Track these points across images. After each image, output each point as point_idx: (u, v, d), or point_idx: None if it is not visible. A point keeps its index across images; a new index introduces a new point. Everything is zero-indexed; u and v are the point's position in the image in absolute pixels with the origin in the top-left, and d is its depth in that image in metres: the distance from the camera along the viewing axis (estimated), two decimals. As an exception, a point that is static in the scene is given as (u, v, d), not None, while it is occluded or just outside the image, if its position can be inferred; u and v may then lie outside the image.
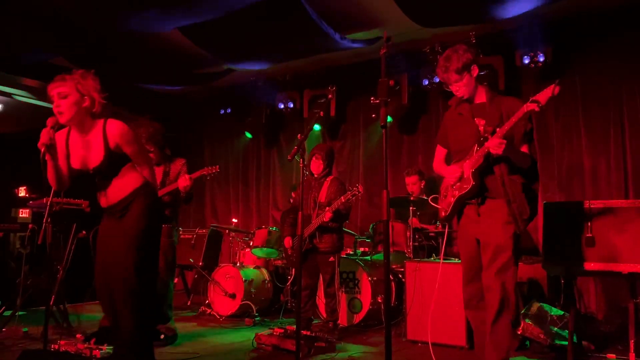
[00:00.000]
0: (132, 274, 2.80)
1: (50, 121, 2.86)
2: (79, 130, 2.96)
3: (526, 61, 5.44)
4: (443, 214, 3.17)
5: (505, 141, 2.79)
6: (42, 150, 2.79)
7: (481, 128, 2.97)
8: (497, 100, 3.04)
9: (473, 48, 3.08)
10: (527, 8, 4.94)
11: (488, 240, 2.92)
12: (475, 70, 3.01)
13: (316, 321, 5.02)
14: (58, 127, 2.88)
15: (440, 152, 3.37)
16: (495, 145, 2.80)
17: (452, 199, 3.08)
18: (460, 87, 3.02)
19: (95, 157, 2.92)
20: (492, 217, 2.93)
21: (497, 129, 2.84)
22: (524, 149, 2.96)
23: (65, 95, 2.84)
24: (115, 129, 2.90)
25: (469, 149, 3.02)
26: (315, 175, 4.83)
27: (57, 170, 2.94)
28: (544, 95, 2.67)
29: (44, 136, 2.79)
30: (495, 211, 2.92)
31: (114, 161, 2.92)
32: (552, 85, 2.63)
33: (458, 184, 3.05)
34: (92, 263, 4.49)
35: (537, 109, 2.69)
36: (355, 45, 5.73)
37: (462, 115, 3.11)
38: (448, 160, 3.28)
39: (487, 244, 2.92)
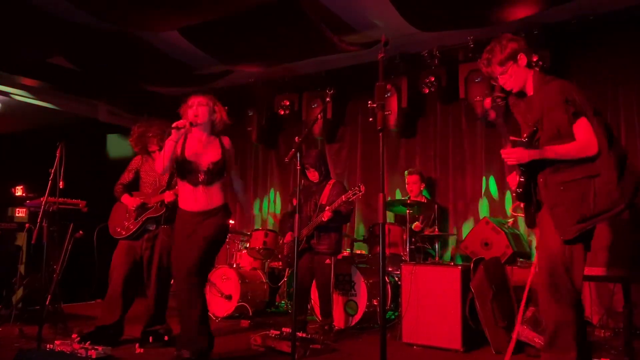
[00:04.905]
0: (195, 267, 3.44)
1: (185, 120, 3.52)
2: (200, 135, 3.60)
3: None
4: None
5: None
6: (180, 126, 3.40)
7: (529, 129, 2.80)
8: (543, 89, 2.75)
9: (519, 36, 2.87)
10: (526, 13, 4.96)
11: (542, 250, 2.74)
12: (523, 60, 2.75)
13: (311, 319, 5.03)
14: (190, 125, 3.48)
15: None
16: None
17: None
18: (506, 80, 2.79)
19: (213, 156, 3.54)
20: (544, 224, 2.74)
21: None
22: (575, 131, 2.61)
23: (204, 104, 3.58)
24: (229, 141, 3.65)
25: None
26: (315, 182, 4.84)
27: (174, 152, 3.48)
28: None
29: (183, 121, 3.46)
30: (544, 217, 2.73)
31: (223, 165, 3.56)
32: None
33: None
34: (89, 263, 4.52)
35: None
36: (354, 48, 5.74)
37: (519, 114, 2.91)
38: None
39: (541, 254, 2.75)
